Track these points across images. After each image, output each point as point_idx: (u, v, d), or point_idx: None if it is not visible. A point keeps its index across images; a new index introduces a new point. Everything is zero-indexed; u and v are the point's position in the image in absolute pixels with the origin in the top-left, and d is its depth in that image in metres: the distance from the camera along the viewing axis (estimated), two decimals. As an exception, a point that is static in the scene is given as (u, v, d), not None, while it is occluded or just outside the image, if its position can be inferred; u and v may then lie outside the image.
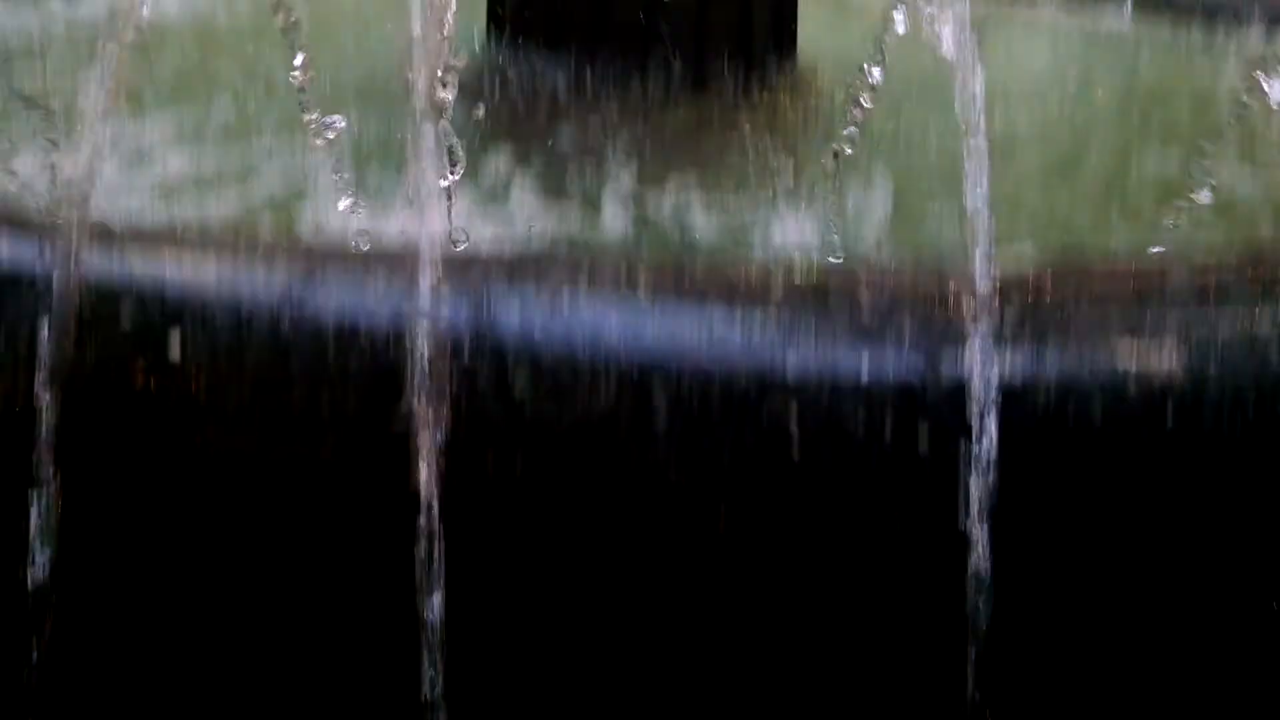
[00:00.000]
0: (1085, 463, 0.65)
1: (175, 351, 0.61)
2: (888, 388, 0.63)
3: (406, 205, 0.63)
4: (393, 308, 0.62)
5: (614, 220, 1.32)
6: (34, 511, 0.62)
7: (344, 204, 0.73)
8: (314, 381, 0.62)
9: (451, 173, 0.66)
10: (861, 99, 1.16)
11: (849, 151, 1.20)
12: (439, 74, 0.66)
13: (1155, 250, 0.81)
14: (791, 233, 1.21)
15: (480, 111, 0.96)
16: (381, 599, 0.63)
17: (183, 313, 0.63)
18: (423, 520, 0.60)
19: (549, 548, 0.63)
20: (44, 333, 0.62)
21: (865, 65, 1.06)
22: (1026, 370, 0.64)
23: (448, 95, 0.67)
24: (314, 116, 0.74)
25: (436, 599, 0.60)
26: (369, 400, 0.62)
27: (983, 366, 0.62)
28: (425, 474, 0.59)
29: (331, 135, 0.74)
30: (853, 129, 1.21)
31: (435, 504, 0.60)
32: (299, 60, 0.76)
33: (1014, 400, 0.62)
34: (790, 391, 0.62)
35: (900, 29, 1.17)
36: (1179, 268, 0.73)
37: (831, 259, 0.83)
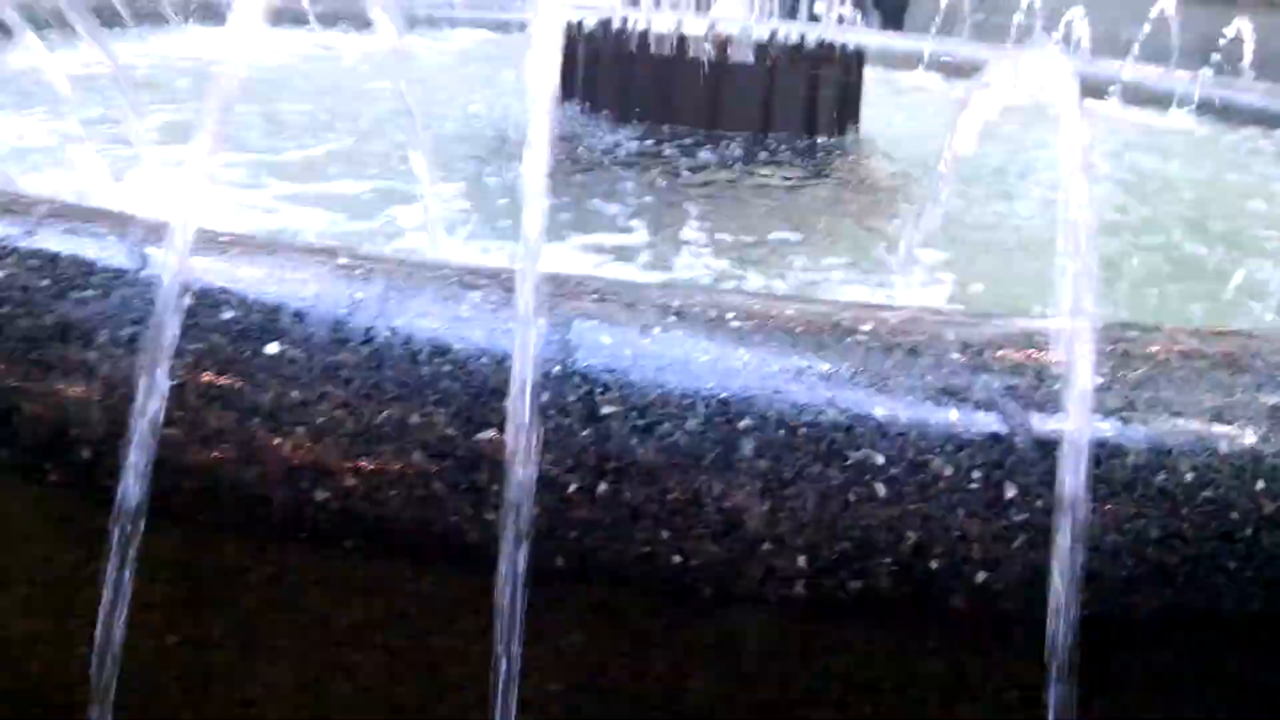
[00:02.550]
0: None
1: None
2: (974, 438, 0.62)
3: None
4: (489, 326, 0.63)
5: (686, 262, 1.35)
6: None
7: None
8: (405, 394, 0.63)
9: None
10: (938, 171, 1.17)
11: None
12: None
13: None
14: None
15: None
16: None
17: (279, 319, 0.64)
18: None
19: (624, 575, 0.62)
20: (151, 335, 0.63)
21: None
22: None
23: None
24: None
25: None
26: (459, 418, 0.62)
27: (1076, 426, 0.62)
28: (515, 487, 0.59)
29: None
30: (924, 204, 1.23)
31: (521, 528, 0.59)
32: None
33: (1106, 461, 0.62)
34: (877, 435, 0.62)
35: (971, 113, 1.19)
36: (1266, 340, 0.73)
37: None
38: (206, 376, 0.64)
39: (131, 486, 0.61)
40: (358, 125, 2.08)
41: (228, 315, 0.65)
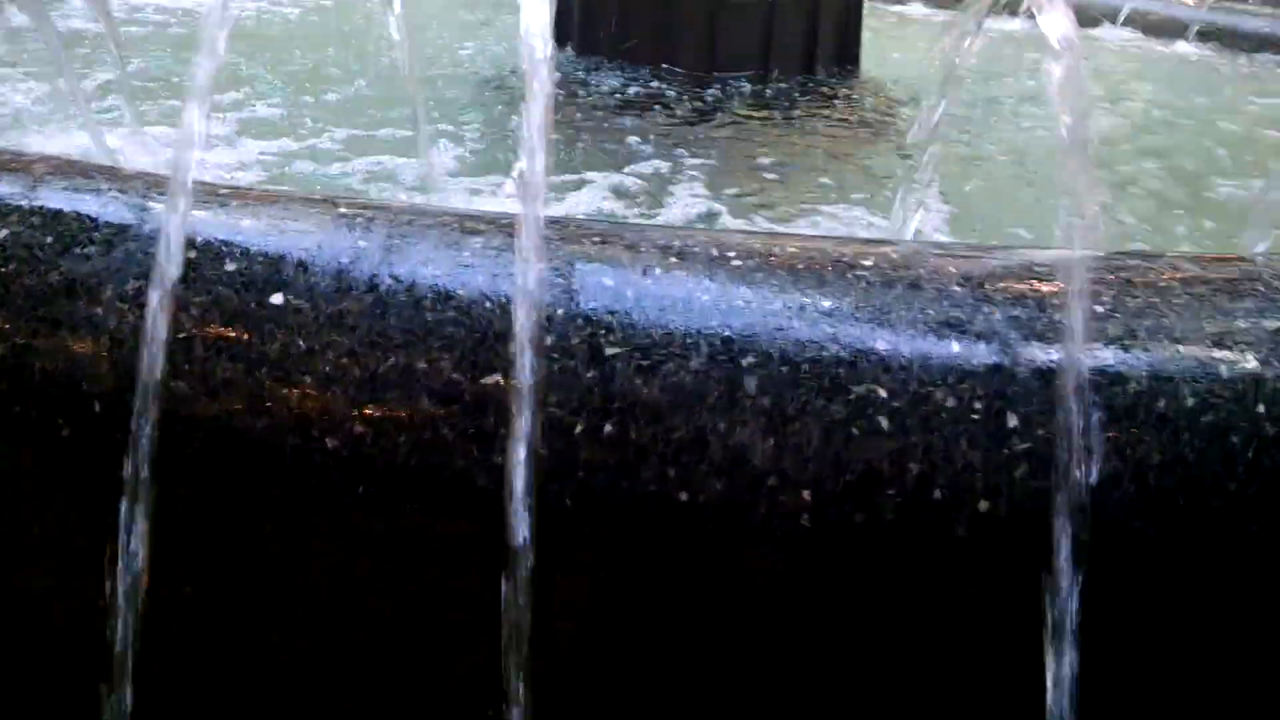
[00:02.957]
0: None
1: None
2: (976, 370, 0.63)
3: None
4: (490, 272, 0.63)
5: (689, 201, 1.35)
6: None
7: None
8: (409, 342, 0.63)
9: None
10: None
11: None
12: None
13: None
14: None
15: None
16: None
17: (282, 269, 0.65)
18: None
19: (630, 514, 0.63)
20: (152, 290, 0.64)
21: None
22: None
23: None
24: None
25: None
26: (464, 362, 0.63)
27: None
28: (522, 430, 0.60)
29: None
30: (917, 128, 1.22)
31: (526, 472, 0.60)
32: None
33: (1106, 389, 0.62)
34: (880, 370, 0.62)
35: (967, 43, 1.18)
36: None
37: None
38: (212, 328, 0.64)
39: (143, 440, 0.61)
40: (352, 73, 2.07)
41: (231, 267, 0.66)
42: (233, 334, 0.64)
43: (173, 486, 0.65)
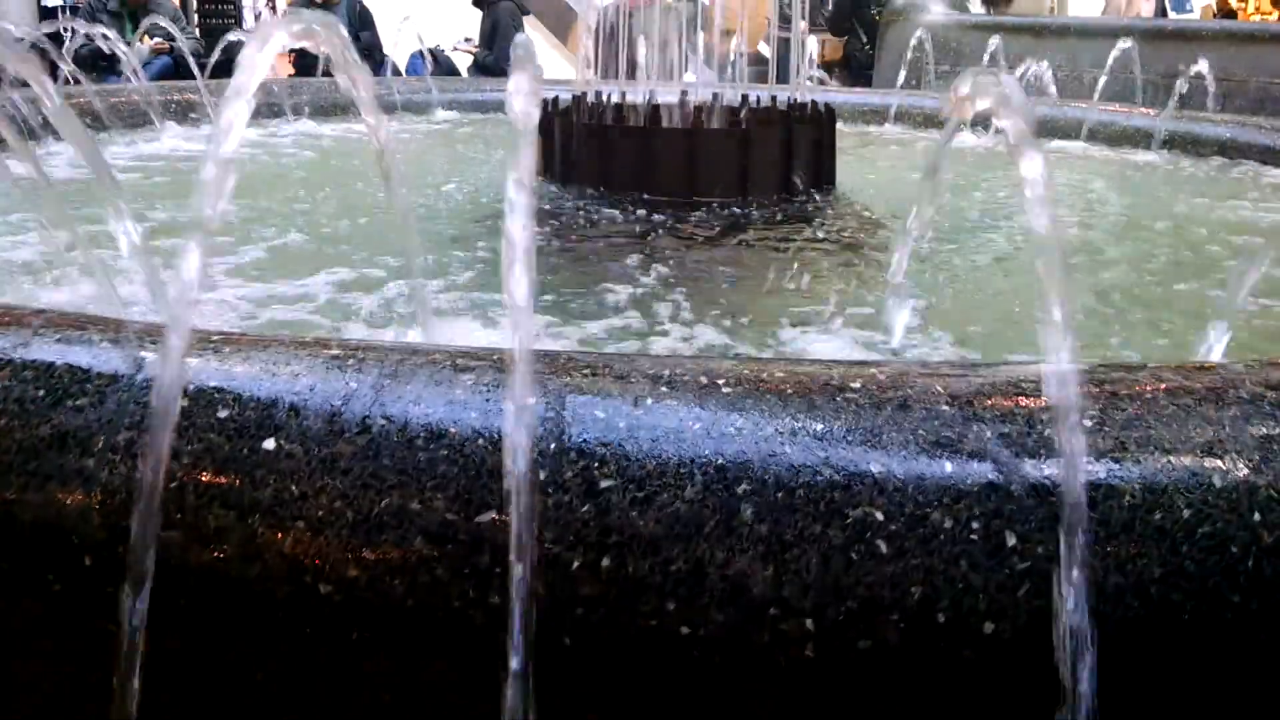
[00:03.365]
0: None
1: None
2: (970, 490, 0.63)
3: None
4: (482, 408, 0.64)
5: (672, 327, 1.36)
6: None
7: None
8: (403, 481, 0.63)
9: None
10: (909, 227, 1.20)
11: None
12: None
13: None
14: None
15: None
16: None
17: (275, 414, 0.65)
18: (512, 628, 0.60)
19: (633, 651, 0.62)
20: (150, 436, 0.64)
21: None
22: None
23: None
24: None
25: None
26: (459, 501, 0.62)
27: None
28: (518, 575, 0.59)
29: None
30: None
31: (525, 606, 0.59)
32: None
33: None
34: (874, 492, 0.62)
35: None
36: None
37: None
38: (205, 476, 0.64)
39: (135, 592, 0.60)
40: (343, 212, 2.11)
41: (223, 414, 0.66)
42: (225, 480, 0.64)
43: (167, 635, 0.64)
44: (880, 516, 0.62)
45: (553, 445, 0.64)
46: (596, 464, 0.63)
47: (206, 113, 3.17)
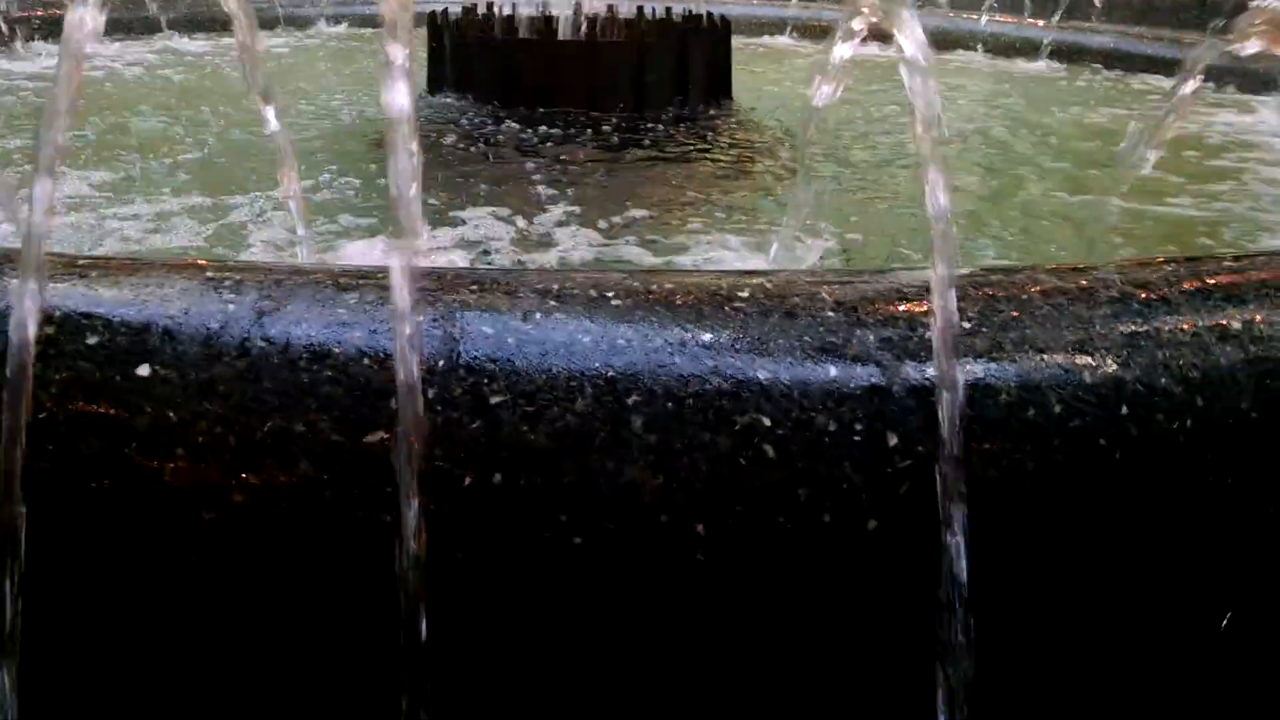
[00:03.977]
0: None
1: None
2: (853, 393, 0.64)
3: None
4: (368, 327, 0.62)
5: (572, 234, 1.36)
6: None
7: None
8: (286, 404, 0.61)
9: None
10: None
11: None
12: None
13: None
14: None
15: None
16: (359, 619, 0.62)
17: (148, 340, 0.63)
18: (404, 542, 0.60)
19: (527, 563, 0.63)
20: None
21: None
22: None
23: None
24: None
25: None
26: (344, 422, 0.61)
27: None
28: (404, 493, 0.59)
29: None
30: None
31: (416, 522, 0.59)
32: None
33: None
34: (761, 399, 0.63)
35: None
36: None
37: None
38: (75, 405, 0.62)
39: (9, 521, 0.58)
40: (220, 130, 2.03)
41: (93, 340, 0.63)
42: (96, 408, 0.62)
43: (47, 562, 0.62)
44: (767, 422, 0.63)
45: (440, 363, 0.63)
46: (486, 380, 0.63)
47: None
